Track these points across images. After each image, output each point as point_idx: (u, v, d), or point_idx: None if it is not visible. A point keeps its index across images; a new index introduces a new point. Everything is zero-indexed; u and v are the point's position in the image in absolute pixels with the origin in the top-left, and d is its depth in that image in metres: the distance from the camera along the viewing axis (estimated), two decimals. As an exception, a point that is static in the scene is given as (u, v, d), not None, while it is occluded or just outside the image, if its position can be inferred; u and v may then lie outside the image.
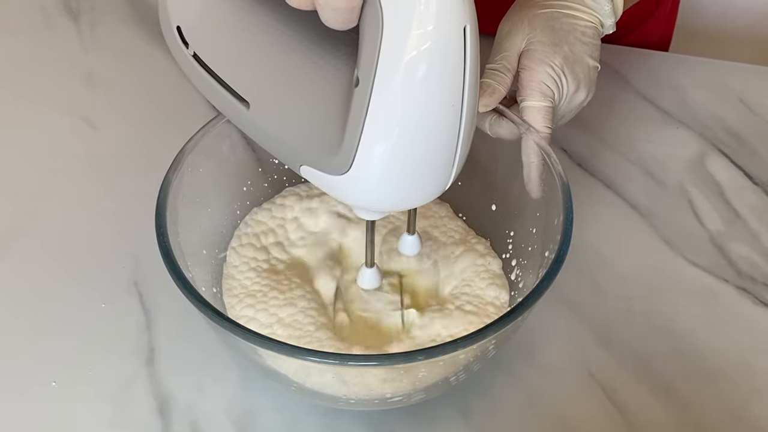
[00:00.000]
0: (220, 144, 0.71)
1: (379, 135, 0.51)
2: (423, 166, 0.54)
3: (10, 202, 0.83)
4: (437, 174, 0.55)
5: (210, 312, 0.59)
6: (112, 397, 0.69)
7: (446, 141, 0.53)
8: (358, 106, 0.51)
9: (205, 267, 0.69)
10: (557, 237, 0.64)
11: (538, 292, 0.60)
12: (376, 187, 0.54)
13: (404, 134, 0.51)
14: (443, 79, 0.50)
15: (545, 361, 0.71)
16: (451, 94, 0.51)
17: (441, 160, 0.54)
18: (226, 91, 0.58)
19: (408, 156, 0.53)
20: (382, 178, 0.53)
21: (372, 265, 0.68)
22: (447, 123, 0.52)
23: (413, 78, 0.49)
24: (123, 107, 0.92)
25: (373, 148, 0.52)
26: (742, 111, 0.92)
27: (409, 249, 0.71)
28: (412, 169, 0.53)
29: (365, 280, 0.68)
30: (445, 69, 0.50)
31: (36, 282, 0.77)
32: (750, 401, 0.69)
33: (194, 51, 0.59)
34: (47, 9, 1.04)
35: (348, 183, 0.54)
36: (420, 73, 0.49)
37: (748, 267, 0.78)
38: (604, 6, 0.74)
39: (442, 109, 0.51)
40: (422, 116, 0.51)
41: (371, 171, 0.53)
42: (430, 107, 0.51)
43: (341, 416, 0.68)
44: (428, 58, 0.49)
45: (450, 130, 0.52)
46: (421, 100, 0.50)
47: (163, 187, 0.66)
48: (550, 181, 0.68)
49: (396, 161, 0.53)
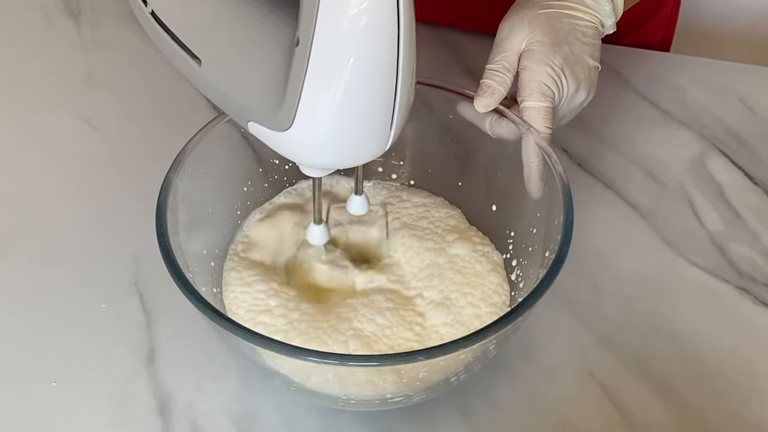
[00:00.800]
0: (220, 144, 0.71)
1: (318, 92, 0.54)
2: (361, 124, 0.57)
3: (11, 202, 0.83)
4: (376, 132, 0.57)
5: (210, 312, 0.59)
6: (112, 397, 0.69)
7: (383, 99, 0.56)
8: (298, 64, 0.54)
9: (205, 267, 0.69)
10: (557, 237, 0.64)
11: (539, 292, 0.60)
12: (316, 144, 0.57)
13: (342, 92, 0.54)
14: (378, 37, 0.53)
15: (545, 361, 0.71)
16: (386, 51, 0.53)
17: (379, 118, 0.57)
18: (180, 48, 0.60)
19: (346, 113, 0.55)
20: (322, 134, 0.56)
21: (320, 222, 0.70)
22: (383, 81, 0.55)
23: (349, 36, 0.52)
24: (123, 107, 0.92)
25: (313, 105, 0.55)
26: (742, 111, 0.92)
27: (356, 208, 0.72)
28: (351, 126, 0.56)
29: (313, 235, 0.70)
30: (379, 27, 0.53)
31: (36, 282, 0.77)
32: (750, 401, 0.69)
33: (152, 9, 0.62)
34: (47, 9, 1.04)
35: (290, 139, 0.57)
36: (356, 31, 0.52)
37: (749, 267, 0.78)
38: (604, 6, 0.74)
39: (378, 67, 0.54)
40: (359, 74, 0.54)
41: (311, 127, 0.56)
42: (366, 65, 0.54)
43: (341, 416, 0.68)
44: (363, 18, 0.52)
45: (386, 88, 0.55)
46: (358, 58, 0.53)
47: (163, 188, 0.66)
48: (550, 181, 0.68)
49: (335, 118, 0.55)
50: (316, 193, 0.68)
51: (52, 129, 0.90)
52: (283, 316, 0.68)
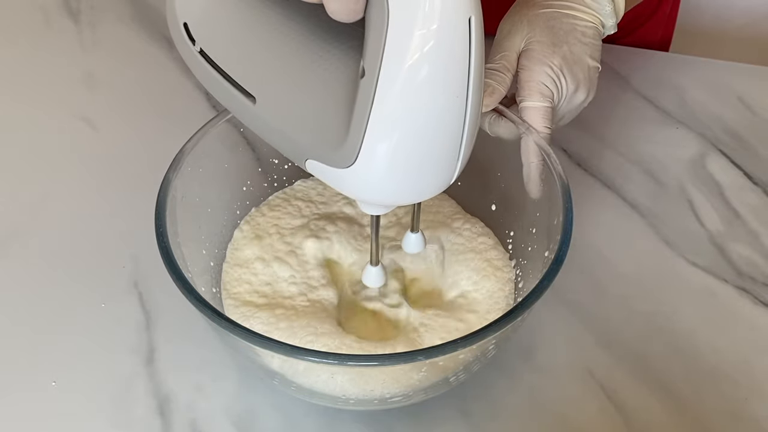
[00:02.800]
0: (220, 144, 0.71)
1: (384, 126, 0.51)
2: (428, 159, 0.54)
3: (10, 202, 0.83)
4: (442, 167, 0.55)
5: (210, 312, 0.59)
6: (111, 397, 0.69)
7: (451, 132, 0.53)
8: (364, 97, 0.51)
9: (204, 267, 0.69)
10: (557, 237, 0.64)
11: (538, 292, 0.60)
12: (380, 180, 0.54)
13: (409, 125, 0.52)
14: (448, 69, 0.50)
15: (545, 361, 0.71)
16: (457, 84, 0.51)
17: (446, 152, 0.54)
18: (232, 87, 0.58)
19: (413, 148, 0.53)
20: (387, 170, 0.53)
21: (377, 263, 0.67)
22: (452, 113, 0.52)
23: (419, 68, 0.50)
24: (123, 107, 0.92)
25: (378, 140, 0.52)
26: (742, 111, 0.92)
27: (412, 247, 0.70)
28: (417, 161, 0.53)
29: (370, 278, 0.68)
30: (450, 59, 0.50)
31: (36, 282, 0.77)
32: (750, 401, 0.69)
33: (200, 47, 0.59)
34: (47, 9, 1.04)
35: (353, 176, 0.54)
36: (425, 64, 0.49)
37: (748, 267, 0.78)
38: (605, 6, 0.74)
39: (448, 99, 0.51)
40: (427, 107, 0.51)
41: (376, 163, 0.53)
42: (436, 97, 0.51)
43: (341, 416, 0.68)
44: (433, 49, 0.49)
45: (455, 121, 0.52)
46: (427, 90, 0.51)
47: (162, 187, 0.66)
48: (550, 181, 0.68)
49: (401, 153, 0.53)
50: (373, 231, 0.64)
51: (51, 129, 0.90)
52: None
